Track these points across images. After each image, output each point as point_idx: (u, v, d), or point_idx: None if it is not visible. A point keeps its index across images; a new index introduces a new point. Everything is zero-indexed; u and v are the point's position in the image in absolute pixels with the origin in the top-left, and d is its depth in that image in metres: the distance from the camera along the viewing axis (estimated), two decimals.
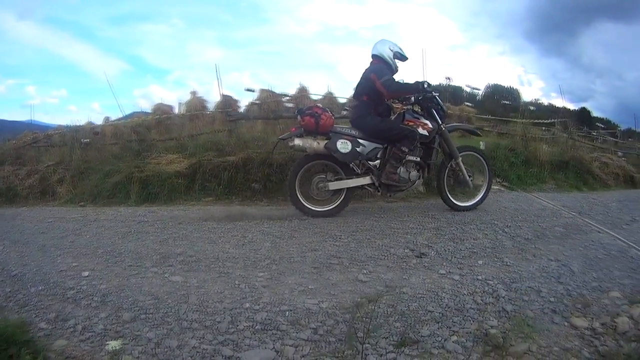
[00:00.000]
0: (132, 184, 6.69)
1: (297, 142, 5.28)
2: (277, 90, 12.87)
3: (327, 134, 5.33)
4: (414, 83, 5.51)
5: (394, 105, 5.97)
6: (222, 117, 9.68)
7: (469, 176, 5.98)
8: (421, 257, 4.13)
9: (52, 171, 7.72)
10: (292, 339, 2.61)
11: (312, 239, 4.59)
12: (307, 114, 5.29)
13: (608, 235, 5.35)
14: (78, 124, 10.78)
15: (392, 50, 5.61)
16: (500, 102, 22.11)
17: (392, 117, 5.75)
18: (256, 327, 2.73)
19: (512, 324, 2.98)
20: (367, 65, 5.78)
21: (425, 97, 5.65)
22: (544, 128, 13.44)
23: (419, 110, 5.75)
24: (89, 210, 5.90)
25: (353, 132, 5.46)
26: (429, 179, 6.36)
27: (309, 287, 3.35)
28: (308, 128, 5.27)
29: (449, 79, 11.09)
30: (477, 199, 6.11)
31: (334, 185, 5.47)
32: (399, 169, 5.44)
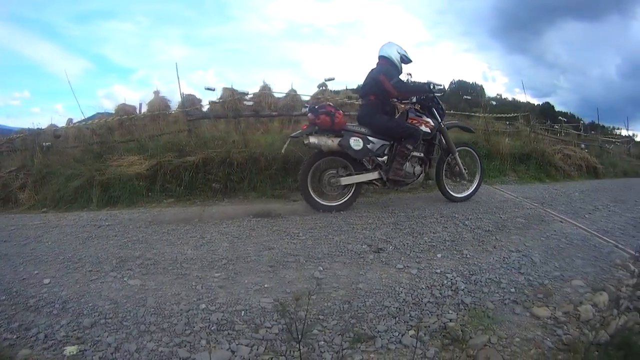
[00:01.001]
0: (93, 187, 6.60)
1: (312, 139, 5.47)
2: (242, 89, 12.76)
3: (339, 132, 5.55)
4: (422, 84, 5.93)
5: (397, 104, 6.24)
6: (184, 117, 9.59)
7: (465, 170, 6.47)
8: (378, 252, 4.18)
9: (14, 177, 7.51)
10: (247, 339, 2.67)
11: (270, 237, 4.62)
12: (323, 112, 5.48)
13: (570, 225, 5.51)
14: (40, 126, 10.55)
15: (399, 53, 5.94)
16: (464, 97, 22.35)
17: (397, 116, 6.07)
18: (212, 328, 2.79)
19: (472, 316, 3.04)
20: (374, 65, 6.08)
21: (427, 96, 6.08)
22: (507, 122, 13.75)
23: (419, 108, 6.12)
24: (51, 217, 5.84)
25: (362, 129, 5.71)
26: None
27: (265, 285, 3.40)
28: (323, 126, 5.48)
29: (409, 75, 11.13)
30: (471, 191, 6.59)
31: (345, 181, 5.72)
32: (405, 165, 5.80)
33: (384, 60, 5.95)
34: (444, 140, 6.28)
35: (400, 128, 5.78)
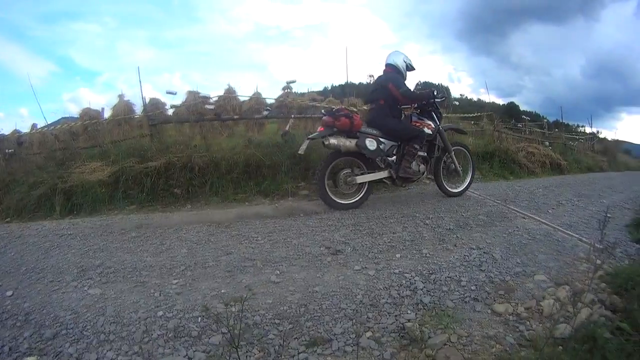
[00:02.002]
0: (56, 195, 6.52)
1: (332, 140, 5.81)
2: (207, 92, 12.57)
3: (355, 134, 5.96)
4: (426, 92, 6.54)
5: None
6: (147, 122, 9.55)
7: (460, 167, 7.16)
8: (336, 254, 4.23)
9: None
10: (204, 345, 2.72)
11: (228, 242, 4.68)
12: (342, 115, 5.90)
13: (533, 221, 5.66)
14: (3, 132, 10.37)
15: (405, 62, 6.55)
16: None
17: (402, 119, 6.61)
18: (169, 335, 2.82)
19: (431, 315, 3.07)
20: (381, 73, 6.69)
21: (427, 102, 6.62)
22: (472, 122, 14.03)
23: (419, 112, 6.72)
24: (14, 227, 5.77)
25: (374, 131, 6.17)
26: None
27: (222, 291, 3.44)
28: (343, 128, 5.88)
29: (371, 76, 11.36)
30: (464, 186, 7.28)
31: (360, 179, 6.14)
32: (412, 163, 6.34)
33: (390, 68, 6.51)
34: (441, 141, 6.85)
35: (407, 130, 6.37)
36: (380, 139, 6.16)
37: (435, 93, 6.58)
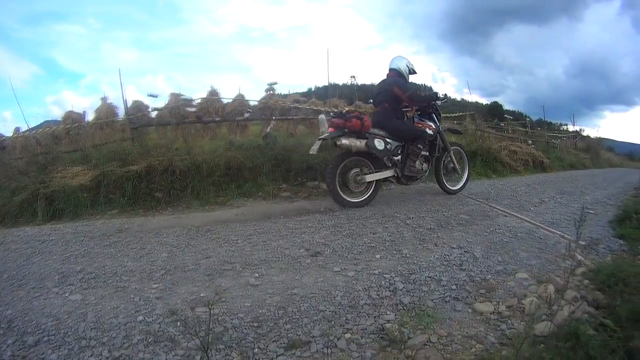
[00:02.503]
0: (38, 201, 6.50)
1: (344, 141, 6.12)
2: (191, 93, 12.57)
3: (364, 135, 6.29)
4: (430, 95, 6.97)
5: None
6: (130, 125, 9.48)
7: (458, 166, 7.64)
8: (316, 256, 4.23)
9: None
10: (183, 349, 2.71)
11: (208, 245, 4.69)
12: (353, 117, 6.23)
13: (515, 219, 5.72)
14: None
15: (408, 67, 6.96)
16: None
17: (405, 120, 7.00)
18: (149, 340, 2.81)
19: (410, 316, 3.06)
20: (384, 77, 7.07)
21: (428, 104, 7.10)
22: (455, 122, 14.20)
23: (419, 114, 7.18)
24: None
25: (381, 132, 6.52)
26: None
27: (201, 295, 3.42)
28: (354, 129, 6.18)
29: (353, 77, 11.54)
30: (462, 184, 7.69)
31: (369, 177, 6.48)
32: (416, 162, 6.74)
33: (393, 72, 6.92)
34: (441, 141, 7.29)
35: (412, 131, 6.77)
36: (387, 140, 6.51)
37: (438, 95, 7.08)
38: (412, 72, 7.06)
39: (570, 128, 25.00)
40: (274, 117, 11.42)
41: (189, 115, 11.32)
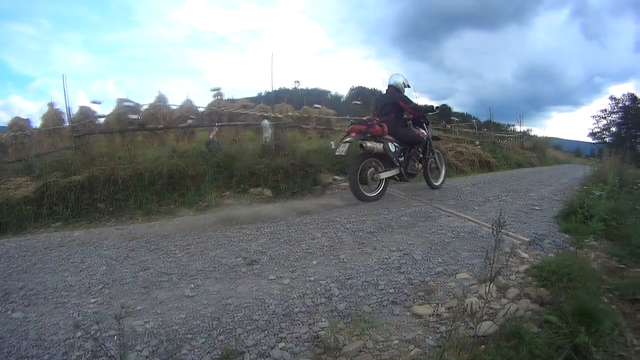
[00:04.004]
0: None
1: (369, 144, 7.18)
2: (140, 98, 12.35)
3: (380, 139, 7.42)
4: (429, 106, 8.45)
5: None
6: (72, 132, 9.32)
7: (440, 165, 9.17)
8: (252, 265, 4.27)
9: None
10: None
11: (147, 257, 4.70)
12: (375, 124, 7.35)
13: (458, 218, 5.89)
14: None
15: (404, 84, 8.39)
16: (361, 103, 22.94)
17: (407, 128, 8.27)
18: (87, 356, 2.79)
19: (346, 322, 3.07)
20: (384, 92, 8.58)
21: (423, 114, 8.52)
22: None
23: (413, 123, 8.39)
24: None
25: (391, 137, 7.67)
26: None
27: (137, 308, 3.42)
28: (376, 134, 7.33)
29: (297, 82, 11.69)
30: (441, 180, 9.17)
31: (383, 175, 7.61)
32: (415, 162, 8.13)
33: (392, 88, 8.32)
34: (430, 145, 8.65)
35: (414, 137, 8.12)
36: (395, 144, 7.71)
37: (433, 107, 8.43)
38: (407, 85, 8.46)
39: (518, 128, 25.76)
40: (217, 124, 11.42)
41: (134, 122, 11.11)
